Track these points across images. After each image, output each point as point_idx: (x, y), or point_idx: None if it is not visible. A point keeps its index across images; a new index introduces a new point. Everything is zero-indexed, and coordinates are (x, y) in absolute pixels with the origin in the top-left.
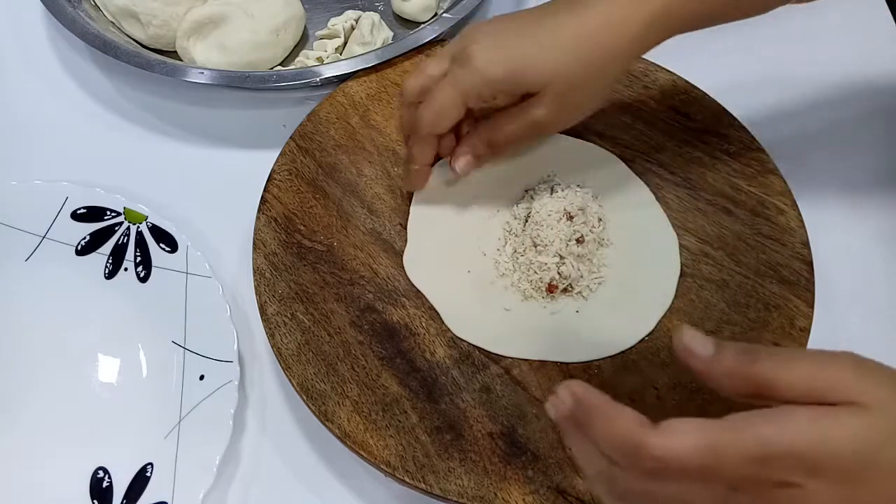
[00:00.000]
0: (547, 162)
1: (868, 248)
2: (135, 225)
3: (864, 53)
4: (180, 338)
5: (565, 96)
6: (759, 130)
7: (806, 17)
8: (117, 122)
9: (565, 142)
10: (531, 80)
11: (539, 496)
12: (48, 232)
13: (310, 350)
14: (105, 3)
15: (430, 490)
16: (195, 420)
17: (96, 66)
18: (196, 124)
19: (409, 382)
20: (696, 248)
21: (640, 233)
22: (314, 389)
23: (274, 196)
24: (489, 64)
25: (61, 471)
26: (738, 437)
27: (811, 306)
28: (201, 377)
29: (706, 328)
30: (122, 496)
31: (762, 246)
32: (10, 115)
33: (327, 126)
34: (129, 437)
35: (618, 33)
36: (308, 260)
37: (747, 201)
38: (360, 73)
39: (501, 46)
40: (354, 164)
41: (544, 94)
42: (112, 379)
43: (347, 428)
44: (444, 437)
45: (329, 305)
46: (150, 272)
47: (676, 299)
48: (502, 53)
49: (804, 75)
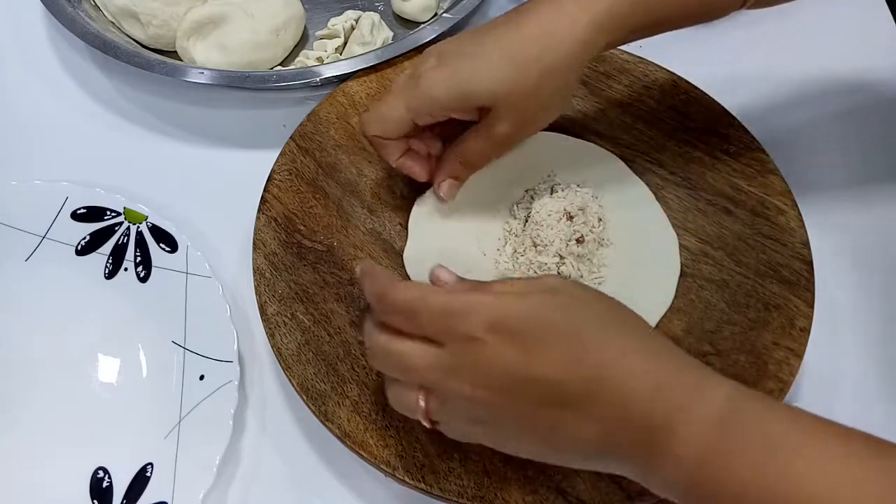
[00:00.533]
0: (547, 162)
1: (868, 248)
2: (135, 225)
3: (865, 53)
4: (180, 338)
5: (519, 107)
6: (760, 130)
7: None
8: (117, 122)
9: (565, 142)
10: (476, 97)
11: (539, 496)
12: (48, 232)
13: (310, 350)
14: (105, 3)
15: (430, 490)
16: (195, 420)
17: (96, 66)
18: (196, 124)
19: None
20: (696, 248)
21: (640, 233)
22: (314, 389)
23: (274, 196)
24: (434, 85)
25: (61, 471)
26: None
27: (811, 306)
28: (201, 377)
29: (706, 328)
30: (122, 496)
31: (762, 246)
32: (10, 115)
33: (327, 126)
34: (129, 437)
35: (558, 39)
36: (308, 260)
37: (747, 201)
38: (360, 73)
39: (447, 67)
40: (354, 164)
41: (498, 109)
42: (112, 379)
43: (347, 428)
44: (445, 437)
45: (329, 305)
46: (150, 272)
47: (676, 299)
48: (447, 74)
49: (804, 74)
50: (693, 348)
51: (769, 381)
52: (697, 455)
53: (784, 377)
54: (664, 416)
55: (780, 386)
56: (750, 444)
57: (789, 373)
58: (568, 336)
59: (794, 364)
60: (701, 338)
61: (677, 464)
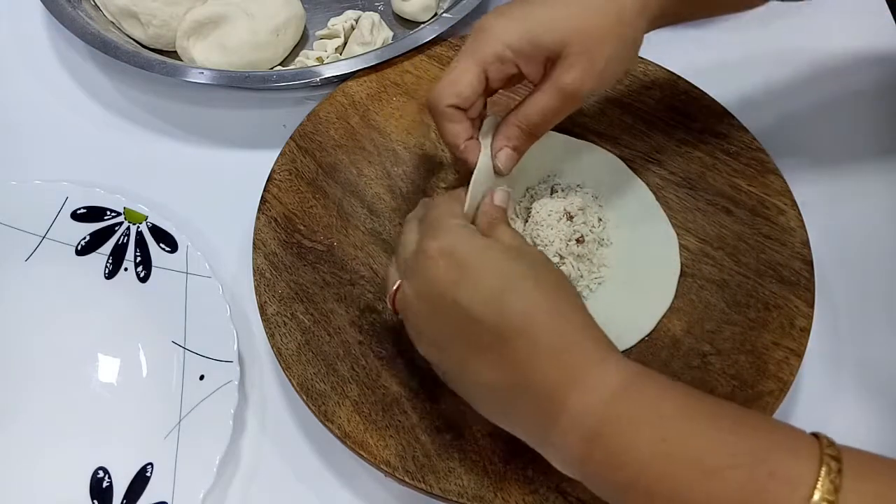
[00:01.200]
0: (547, 162)
1: (868, 247)
2: (135, 225)
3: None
4: (180, 338)
5: (589, 54)
6: (760, 130)
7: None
8: (117, 122)
9: (565, 142)
10: (549, 39)
11: (539, 496)
12: (48, 232)
13: (310, 350)
14: (105, 3)
15: (430, 490)
16: (195, 420)
17: (96, 66)
18: (196, 124)
19: (409, 382)
20: (696, 248)
21: (640, 233)
22: (314, 389)
23: (274, 196)
24: (504, 30)
25: (61, 471)
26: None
27: (811, 306)
28: (201, 377)
29: (706, 328)
30: (122, 496)
31: (762, 246)
32: (11, 115)
33: (327, 126)
34: (129, 437)
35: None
36: (308, 260)
37: (747, 201)
38: (360, 73)
39: (514, 17)
40: (354, 164)
41: (567, 55)
42: (112, 379)
43: (347, 428)
44: (444, 437)
45: (329, 305)
46: (150, 272)
47: (676, 299)
48: (515, 20)
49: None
50: (693, 348)
51: (769, 381)
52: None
53: (784, 377)
54: (562, 381)
55: (780, 386)
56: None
57: (789, 373)
58: (499, 282)
59: (794, 364)
60: (701, 338)
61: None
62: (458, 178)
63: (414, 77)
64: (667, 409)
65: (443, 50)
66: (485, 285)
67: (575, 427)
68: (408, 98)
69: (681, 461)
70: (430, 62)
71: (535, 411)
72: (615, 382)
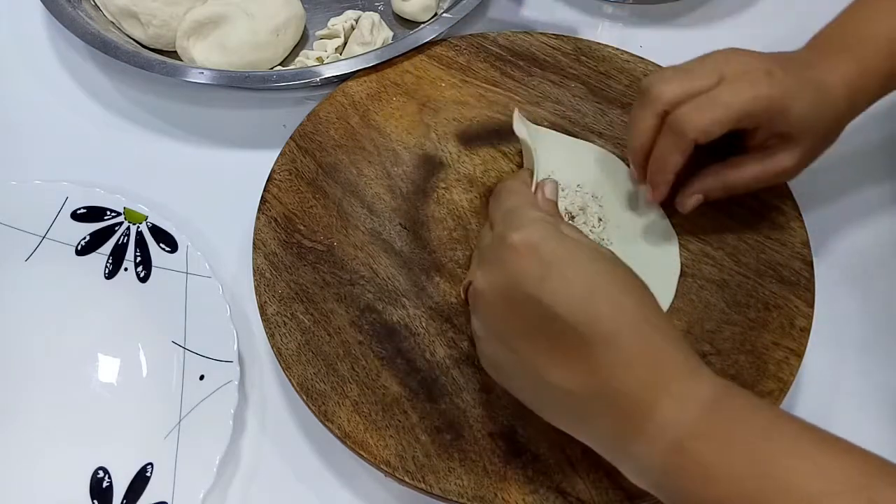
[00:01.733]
0: (547, 162)
1: (868, 248)
2: (135, 225)
3: None
4: (180, 338)
5: (814, 146)
6: None
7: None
8: (117, 122)
9: (565, 142)
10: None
11: (539, 496)
12: (48, 232)
13: (310, 350)
14: (105, 3)
15: (430, 490)
16: (195, 420)
17: (96, 66)
18: (196, 124)
19: (409, 382)
20: (696, 248)
21: (640, 233)
22: (314, 389)
23: (274, 196)
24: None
25: (61, 471)
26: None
27: (811, 306)
28: (201, 377)
29: (706, 328)
30: (122, 496)
31: (762, 246)
32: (11, 116)
33: (327, 126)
34: (129, 437)
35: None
36: (308, 260)
37: (747, 201)
38: (360, 73)
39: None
40: (354, 164)
41: (798, 140)
42: (112, 379)
43: (347, 428)
44: (444, 437)
45: (329, 305)
46: (150, 272)
47: (676, 299)
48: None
49: None
50: (693, 348)
51: (769, 381)
52: (676, 435)
53: (784, 377)
54: (650, 389)
55: (780, 386)
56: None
57: (789, 373)
58: (589, 284)
59: (794, 364)
60: (701, 338)
61: (653, 440)
62: (457, 177)
63: (414, 77)
64: (759, 425)
65: (443, 50)
66: (574, 285)
67: (662, 436)
68: (408, 98)
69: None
70: (430, 62)
71: (616, 418)
72: (707, 395)
